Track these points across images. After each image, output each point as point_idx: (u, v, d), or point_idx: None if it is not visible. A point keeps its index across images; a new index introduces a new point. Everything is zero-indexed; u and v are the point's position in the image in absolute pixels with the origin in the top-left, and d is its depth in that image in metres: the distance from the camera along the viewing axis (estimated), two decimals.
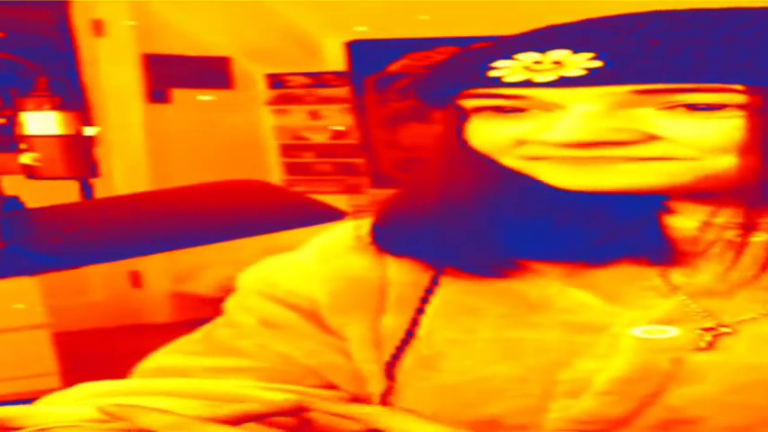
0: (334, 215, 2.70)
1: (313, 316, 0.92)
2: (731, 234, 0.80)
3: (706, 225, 0.80)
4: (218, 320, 0.97)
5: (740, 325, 0.79)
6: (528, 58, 0.77)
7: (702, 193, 0.80)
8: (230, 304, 0.97)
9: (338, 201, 3.97)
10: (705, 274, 0.80)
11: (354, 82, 5.38)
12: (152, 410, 0.78)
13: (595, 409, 0.78)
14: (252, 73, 5.62)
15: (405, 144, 5.28)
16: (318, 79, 5.56)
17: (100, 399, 0.89)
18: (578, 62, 0.76)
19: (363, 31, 5.14)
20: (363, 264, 0.91)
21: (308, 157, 5.66)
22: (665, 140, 0.77)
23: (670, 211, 0.82)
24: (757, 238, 0.79)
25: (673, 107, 0.76)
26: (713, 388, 0.77)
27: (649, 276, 0.82)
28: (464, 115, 0.83)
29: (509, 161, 0.82)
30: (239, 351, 0.92)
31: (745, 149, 0.76)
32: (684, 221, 0.81)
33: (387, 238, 0.89)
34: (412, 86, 0.86)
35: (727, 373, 0.77)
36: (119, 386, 0.92)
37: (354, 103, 5.42)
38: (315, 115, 5.62)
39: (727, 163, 0.76)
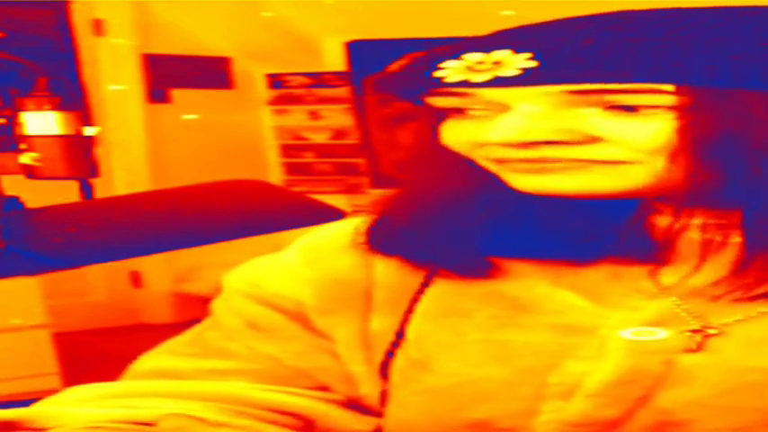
0: (334, 215, 2.69)
1: (300, 318, 0.91)
2: (710, 234, 0.79)
3: (684, 225, 0.79)
4: (207, 322, 0.96)
5: (728, 327, 0.78)
6: (473, 58, 0.77)
7: (668, 195, 0.79)
8: (217, 306, 0.96)
9: (338, 201, 3.97)
10: (692, 274, 0.79)
11: (354, 82, 5.37)
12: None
13: (587, 411, 0.78)
14: (252, 73, 5.62)
15: (405, 144, 5.27)
16: (318, 79, 5.56)
17: (98, 401, 0.89)
18: (515, 62, 0.75)
19: (363, 31, 5.13)
20: (349, 265, 0.91)
21: (308, 157, 5.65)
22: (606, 142, 0.76)
23: (655, 211, 0.81)
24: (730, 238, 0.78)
25: (612, 108, 0.75)
26: (703, 390, 0.76)
27: (637, 277, 0.81)
28: (440, 115, 0.83)
29: (480, 161, 0.82)
30: (228, 353, 0.92)
31: (679, 151, 0.75)
32: (668, 221, 0.80)
33: (378, 238, 0.89)
34: (383, 86, 0.85)
35: (716, 375, 0.76)
36: (115, 388, 0.92)
37: (354, 103, 5.41)
38: (315, 115, 5.61)
39: (667, 165, 0.76)
